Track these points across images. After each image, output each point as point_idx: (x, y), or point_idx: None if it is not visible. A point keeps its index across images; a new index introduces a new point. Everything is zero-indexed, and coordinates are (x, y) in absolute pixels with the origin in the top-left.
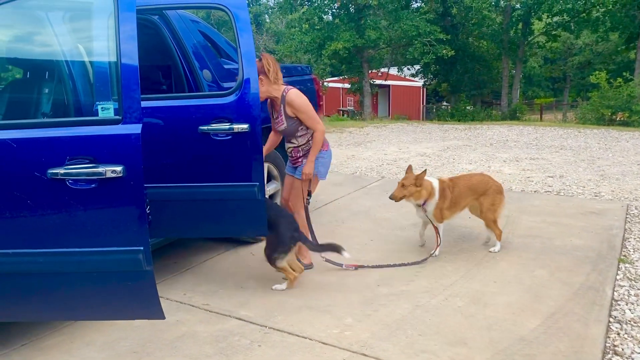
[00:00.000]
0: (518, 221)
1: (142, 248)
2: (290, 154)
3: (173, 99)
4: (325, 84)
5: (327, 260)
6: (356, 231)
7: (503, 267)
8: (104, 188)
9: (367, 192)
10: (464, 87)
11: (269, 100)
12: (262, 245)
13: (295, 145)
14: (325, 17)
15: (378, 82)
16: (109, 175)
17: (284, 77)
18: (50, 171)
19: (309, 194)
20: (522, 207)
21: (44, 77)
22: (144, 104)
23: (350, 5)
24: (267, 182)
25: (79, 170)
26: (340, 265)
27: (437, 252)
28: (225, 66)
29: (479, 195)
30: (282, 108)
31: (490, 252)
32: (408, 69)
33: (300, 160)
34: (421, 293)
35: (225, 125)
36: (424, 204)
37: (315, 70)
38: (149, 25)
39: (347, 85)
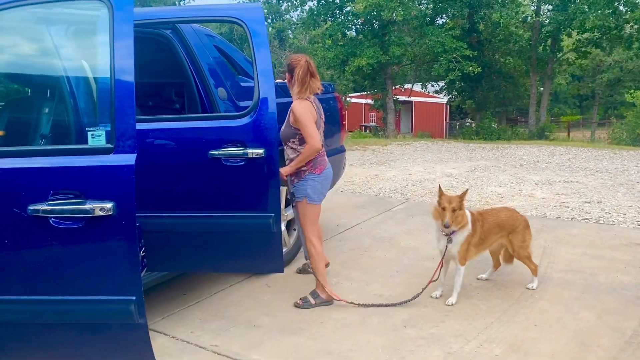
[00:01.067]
0: (556, 253)
1: (134, 298)
2: None
3: (181, 120)
4: (347, 99)
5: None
6: (380, 261)
7: (543, 307)
8: (92, 228)
9: (391, 216)
10: (489, 105)
11: None
12: (278, 276)
13: (288, 158)
14: (348, 33)
15: (402, 98)
16: (98, 213)
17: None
18: (31, 207)
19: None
20: (560, 236)
21: (42, 96)
22: (149, 125)
23: (374, 22)
24: (286, 207)
25: (64, 207)
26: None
27: (438, 294)
28: (243, 84)
29: (508, 232)
30: (289, 113)
31: (527, 289)
32: (432, 85)
33: (293, 179)
34: (453, 337)
35: (238, 150)
36: (453, 232)
37: (338, 85)
38: (161, 39)
39: (369, 101)
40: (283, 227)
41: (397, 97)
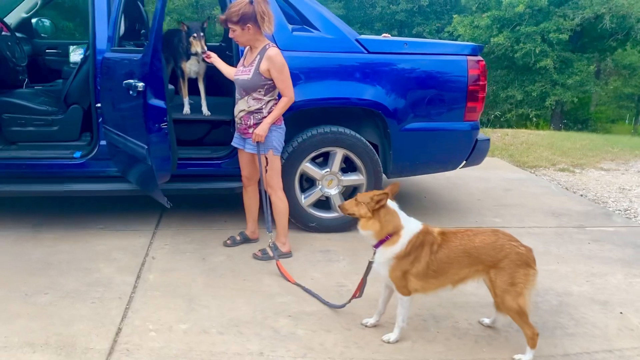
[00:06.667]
0: None
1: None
2: (239, 121)
3: (118, 51)
4: None
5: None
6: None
7: None
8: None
9: (573, 234)
10: None
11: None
12: (305, 233)
13: (246, 109)
14: None
15: None
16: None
17: (436, 54)
18: (124, 81)
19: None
20: None
21: None
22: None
23: None
24: (349, 173)
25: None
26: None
27: (370, 322)
28: (295, 33)
29: (487, 266)
30: (257, 60)
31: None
32: None
33: (249, 131)
34: None
35: (132, 81)
36: (377, 244)
37: None
38: None
39: None
40: (336, 191)
41: None
